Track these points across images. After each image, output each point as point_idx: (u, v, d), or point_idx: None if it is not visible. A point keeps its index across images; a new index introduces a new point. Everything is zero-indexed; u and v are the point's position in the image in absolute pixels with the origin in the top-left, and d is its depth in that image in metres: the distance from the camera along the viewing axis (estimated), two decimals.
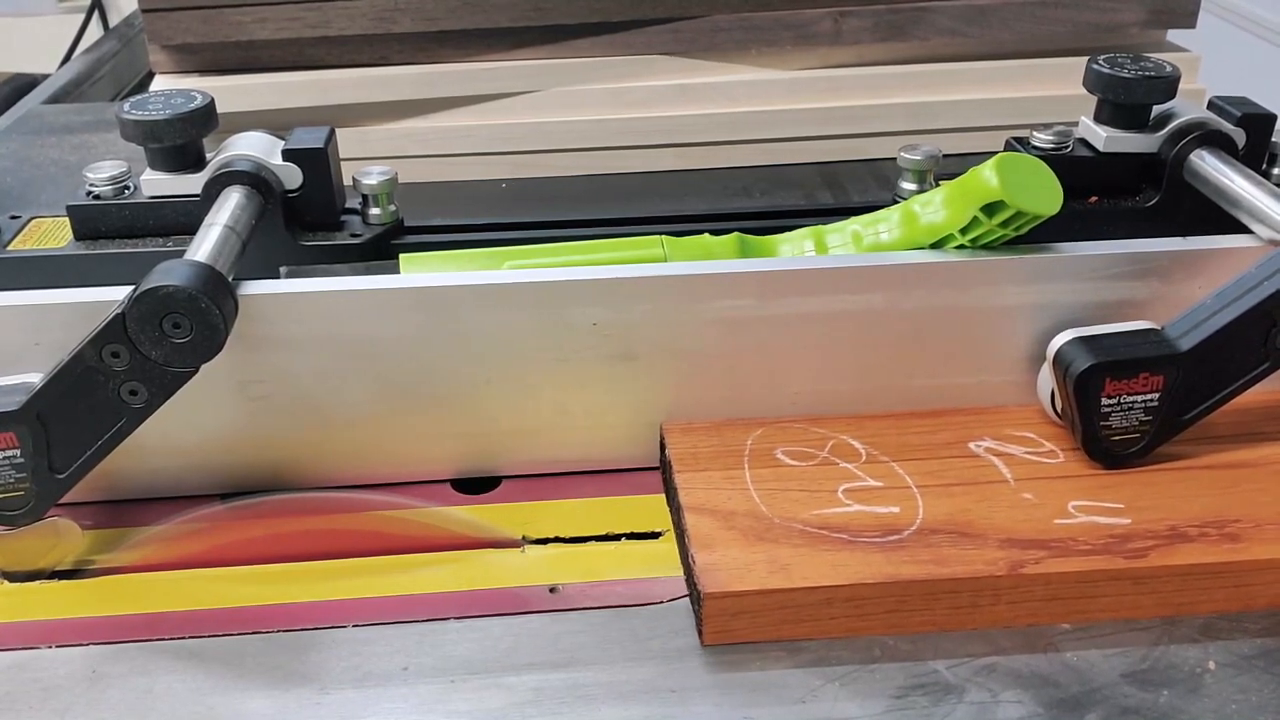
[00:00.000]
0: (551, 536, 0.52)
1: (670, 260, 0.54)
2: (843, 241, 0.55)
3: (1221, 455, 0.53)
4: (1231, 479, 0.51)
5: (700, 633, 0.46)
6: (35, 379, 0.47)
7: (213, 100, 0.55)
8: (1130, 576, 0.46)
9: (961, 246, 0.52)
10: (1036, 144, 0.59)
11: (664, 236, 0.55)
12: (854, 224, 0.55)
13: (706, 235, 0.55)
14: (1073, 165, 0.58)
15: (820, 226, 0.56)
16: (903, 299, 0.53)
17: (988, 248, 0.52)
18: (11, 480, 0.47)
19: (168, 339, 0.46)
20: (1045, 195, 0.51)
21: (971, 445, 0.53)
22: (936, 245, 0.53)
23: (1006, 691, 0.44)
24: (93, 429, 0.47)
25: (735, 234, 0.55)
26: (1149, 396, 0.50)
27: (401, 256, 0.54)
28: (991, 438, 0.54)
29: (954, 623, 0.46)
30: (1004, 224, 0.51)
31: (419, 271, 0.53)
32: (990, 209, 0.50)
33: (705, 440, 0.54)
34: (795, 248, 0.56)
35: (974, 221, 0.51)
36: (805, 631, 0.46)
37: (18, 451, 0.47)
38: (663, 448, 0.54)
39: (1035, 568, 0.46)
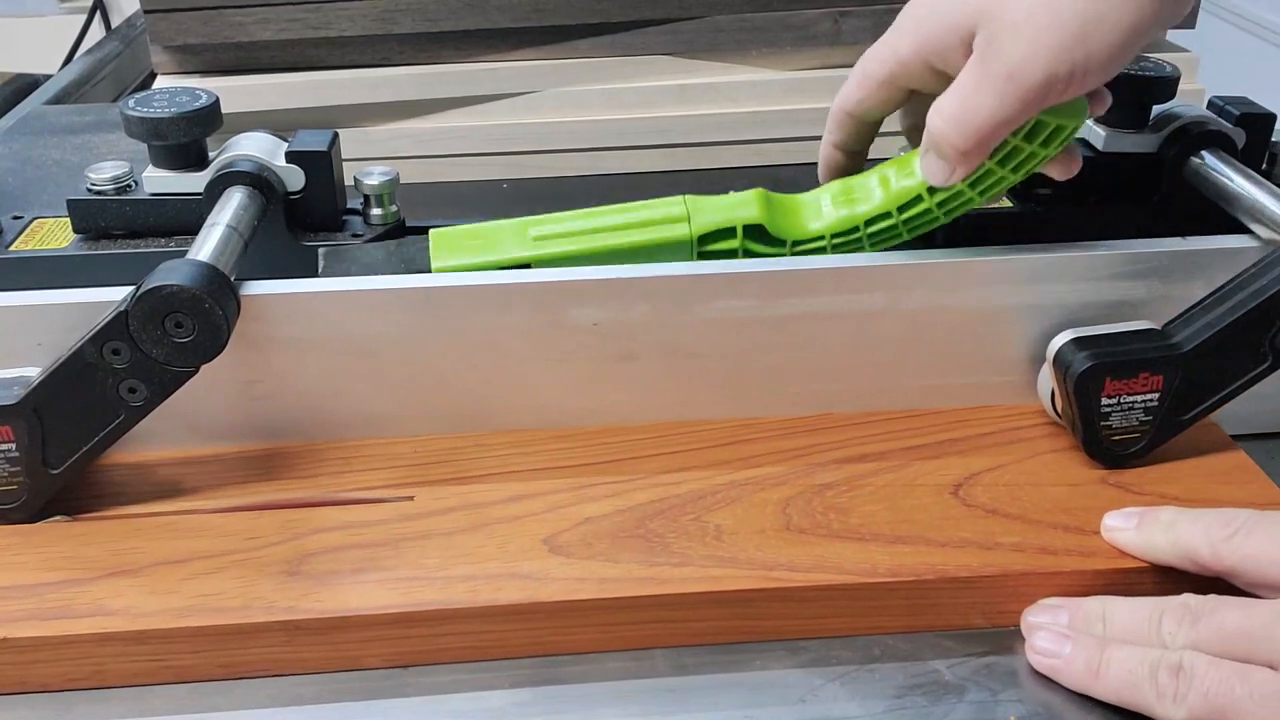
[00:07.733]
0: None
1: (691, 217, 0.53)
2: (870, 191, 0.53)
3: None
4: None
5: None
6: (32, 372, 0.47)
7: (218, 99, 0.55)
8: None
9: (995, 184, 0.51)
10: None
11: (686, 195, 0.54)
12: (886, 169, 0.53)
13: (731, 192, 0.54)
14: None
15: (848, 179, 0.54)
16: (902, 299, 0.53)
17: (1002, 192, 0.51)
18: (5, 474, 0.48)
19: (170, 338, 0.46)
20: (1067, 107, 0.49)
21: None
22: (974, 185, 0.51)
23: (1006, 691, 0.44)
24: (89, 425, 0.47)
25: (760, 189, 0.54)
26: (1149, 396, 0.50)
27: (431, 232, 0.54)
28: None
29: None
30: (1044, 143, 0.49)
31: (448, 245, 0.53)
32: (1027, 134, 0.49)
33: None
34: (813, 204, 0.54)
35: (985, 173, 0.50)
36: None
37: (13, 445, 0.47)
38: None
39: None
